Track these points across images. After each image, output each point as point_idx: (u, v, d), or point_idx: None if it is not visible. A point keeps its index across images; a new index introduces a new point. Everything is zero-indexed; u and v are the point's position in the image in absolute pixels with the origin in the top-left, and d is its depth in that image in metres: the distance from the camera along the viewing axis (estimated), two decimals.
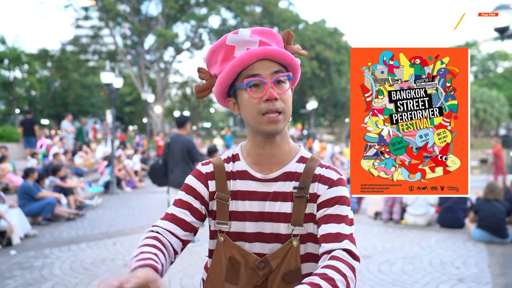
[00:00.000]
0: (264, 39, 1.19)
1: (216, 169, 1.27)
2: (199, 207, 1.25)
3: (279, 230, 1.19)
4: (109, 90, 12.96)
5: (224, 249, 1.21)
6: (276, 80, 1.15)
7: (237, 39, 1.17)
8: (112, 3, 24.88)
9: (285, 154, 1.24)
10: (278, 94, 1.13)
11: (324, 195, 1.17)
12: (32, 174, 7.40)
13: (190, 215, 1.23)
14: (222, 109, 60.72)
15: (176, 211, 1.24)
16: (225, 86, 1.19)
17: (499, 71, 49.00)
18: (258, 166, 1.24)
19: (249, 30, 1.19)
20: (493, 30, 6.81)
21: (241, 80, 1.16)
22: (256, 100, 1.14)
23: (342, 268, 1.03)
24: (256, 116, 1.15)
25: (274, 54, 1.15)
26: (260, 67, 1.14)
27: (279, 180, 1.21)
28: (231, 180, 1.25)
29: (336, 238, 1.10)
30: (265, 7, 28.96)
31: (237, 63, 1.14)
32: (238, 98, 1.20)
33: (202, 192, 1.25)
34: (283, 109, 1.15)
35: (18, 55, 29.40)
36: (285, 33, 1.25)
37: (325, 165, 1.23)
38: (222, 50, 1.19)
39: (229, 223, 1.22)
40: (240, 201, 1.22)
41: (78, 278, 4.53)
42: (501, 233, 5.89)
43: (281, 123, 1.16)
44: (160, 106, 28.25)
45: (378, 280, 4.44)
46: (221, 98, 1.24)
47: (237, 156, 1.29)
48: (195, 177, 1.27)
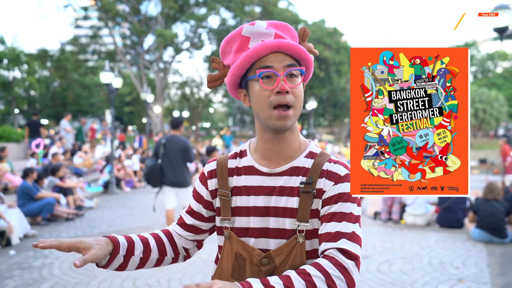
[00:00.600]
0: (280, 32, 1.18)
1: (218, 167, 1.28)
2: (200, 210, 1.30)
3: (284, 225, 1.17)
4: (108, 90, 12.96)
5: (230, 245, 1.21)
6: (289, 74, 1.14)
7: (253, 30, 1.17)
8: (111, 3, 24.88)
9: (294, 149, 1.22)
10: (289, 88, 1.13)
11: (329, 191, 1.15)
12: (31, 174, 7.40)
13: (193, 219, 1.32)
14: (222, 109, 60.76)
15: (183, 214, 1.36)
16: (237, 76, 1.19)
17: (498, 71, 49.04)
18: (266, 160, 1.23)
19: (265, 22, 1.19)
20: (493, 30, 6.82)
21: (254, 71, 1.16)
22: (267, 92, 1.13)
23: (325, 266, 1.02)
24: (267, 109, 1.14)
25: (288, 47, 1.14)
26: (274, 59, 1.14)
27: (285, 174, 1.20)
28: (235, 176, 1.25)
29: (333, 238, 1.09)
30: (264, 7, 28.98)
31: (251, 54, 1.14)
32: (250, 90, 1.19)
33: (202, 193, 1.30)
34: (293, 103, 1.14)
35: (17, 55, 29.40)
36: (301, 30, 1.24)
37: (334, 160, 1.21)
38: (237, 41, 1.19)
39: (232, 219, 1.22)
40: (244, 196, 1.22)
41: (77, 278, 4.53)
42: (500, 233, 5.90)
43: (291, 119, 1.15)
44: (160, 106, 28.25)
45: (377, 280, 4.44)
46: (233, 89, 1.24)
47: (244, 152, 1.29)
48: (199, 179, 1.33)
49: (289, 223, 1.17)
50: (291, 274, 1.01)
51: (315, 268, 1.01)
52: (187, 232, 1.32)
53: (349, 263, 1.04)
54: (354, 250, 1.07)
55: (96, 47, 31.52)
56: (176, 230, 1.35)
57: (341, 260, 1.03)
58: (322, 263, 1.03)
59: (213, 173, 1.28)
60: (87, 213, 8.38)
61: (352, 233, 1.10)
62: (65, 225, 7.28)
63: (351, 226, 1.11)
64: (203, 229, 1.33)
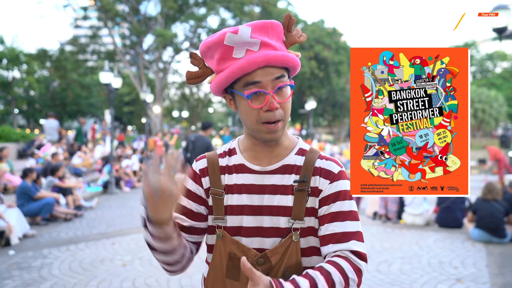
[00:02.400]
0: (266, 38, 1.12)
1: (209, 164, 1.25)
2: (199, 210, 1.24)
3: (279, 224, 1.17)
4: (107, 90, 12.94)
5: (223, 245, 1.19)
6: (278, 87, 1.11)
7: (236, 40, 1.10)
8: (111, 3, 24.85)
9: (284, 147, 1.23)
10: (278, 103, 1.11)
11: (326, 190, 1.16)
12: (30, 174, 7.39)
13: (191, 221, 1.24)
14: (221, 109, 60.70)
15: (177, 219, 1.24)
16: (222, 87, 1.16)
17: (498, 71, 49.07)
18: (256, 160, 1.22)
19: (249, 28, 1.10)
20: (492, 31, 6.82)
21: (240, 85, 1.12)
22: (255, 110, 1.12)
23: (346, 269, 1.06)
24: (255, 123, 1.14)
25: (276, 60, 1.10)
26: (261, 73, 1.10)
27: (277, 172, 1.19)
28: (226, 174, 1.23)
29: (341, 238, 1.12)
30: (264, 7, 28.98)
31: (236, 70, 1.09)
32: (236, 100, 1.17)
33: (198, 192, 1.24)
34: (282, 117, 1.13)
35: (16, 55, 29.38)
36: (285, 18, 1.17)
37: (325, 156, 1.23)
38: (219, 50, 1.12)
39: (225, 217, 1.20)
40: (236, 194, 1.20)
41: (77, 278, 4.52)
42: (499, 233, 5.90)
43: (280, 131, 1.15)
44: (159, 106, 28.22)
45: (376, 280, 4.44)
46: (217, 93, 1.21)
47: (233, 150, 1.26)
48: (191, 178, 1.26)
49: (284, 222, 1.16)
50: (314, 275, 1.02)
51: (337, 272, 1.04)
52: (187, 234, 1.26)
53: (363, 265, 1.10)
54: (364, 250, 1.12)
55: (96, 47, 31.47)
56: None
57: (357, 263, 1.09)
58: (343, 266, 1.06)
59: (205, 171, 1.25)
60: (86, 213, 8.38)
61: (358, 233, 1.14)
62: (64, 225, 7.28)
63: (355, 225, 1.15)
64: (203, 229, 1.28)
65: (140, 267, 4.89)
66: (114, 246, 5.81)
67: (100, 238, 6.32)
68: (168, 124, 50.26)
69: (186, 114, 42.17)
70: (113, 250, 5.61)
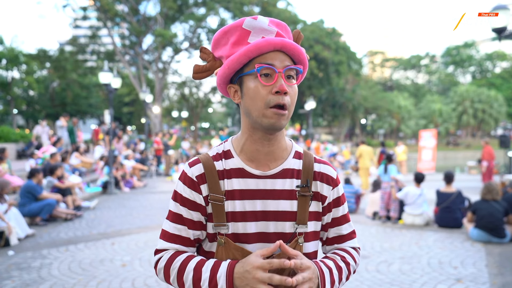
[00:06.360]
0: (280, 31, 1.15)
1: (206, 170, 1.18)
2: (200, 218, 1.19)
3: (284, 229, 1.17)
4: (107, 90, 12.95)
5: (225, 252, 1.15)
6: (287, 74, 1.12)
7: (255, 25, 1.12)
8: (110, 3, 24.85)
9: (282, 150, 1.22)
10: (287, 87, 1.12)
11: (330, 196, 1.26)
12: (37, 174, 7.42)
13: (194, 231, 1.19)
14: (220, 109, 60.73)
15: (172, 228, 1.20)
16: (233, 70, 1.14)
17: (497, 72, 49.12)
18: (255, 163, 1.19)
19: (267, 19, 1.14)
20: (491, 31, 6.82)
21: (252, 66, 1.11)
22: (265, 91, 1.10)
23: (357, 259, 1.30)
24: (262, 108, 1.11)
25: (291, 47, 1.12)
26: (274, 57, 1.11)
27: (278, 177, 1.18)
28: (225, 179, 1.18)
29: (345, 238, 1.31)
30: (263, 7, 28.99)
31: (253, 49, 1.09)
32: (243, 85, 1.14)
33: (197, 200, 1.18)
34: (288, 106, 1.12)
35: (16, 55, 29.35)
36: (295, 33, 1.21)
37: (320, 160, 1.28)
38: (236, 33, 1.14)
39: (228, 224, 1.15)
40: (238, 200, 1.16)
41: (76, 278, 4.52)
42: (498, 233, 5.90)
43: (286, 119, 1.13)
44: (159, 106, 28.23)
45: (376, 280, 4.44)
46: (223, 83, 1.19)
47: (229, 152, 1.21)
48: (187, 185, 1.18)
49: (289, 227, 1.17)
50: (342, 264, 1.24)
51: (353, 261, 1.28)
52: (187, 247, 1.21)
53: (360, 259, 1.33)
54: (358, 245, 1.35)
55: (95, 47, 31.47)
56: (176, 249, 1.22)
57: (357, 258, 1.31)
58: (356, 257, 1.29)
59: (203, 178, 1.17)
60: (86, 213, 8.37)
61: (353, 230, 1.34)
62: (64, 226, 7.27)
63: (351, 224, 1.33)
64: (200, 239, 1.22)
65: (140, 267, 4.88)
66: (114, 247, 5.80)
67: (99, 238, 6.31)
68: (168, 124, 50.24)
69: (185, 114, 42.18)
70: (112, 251, 5.60)
